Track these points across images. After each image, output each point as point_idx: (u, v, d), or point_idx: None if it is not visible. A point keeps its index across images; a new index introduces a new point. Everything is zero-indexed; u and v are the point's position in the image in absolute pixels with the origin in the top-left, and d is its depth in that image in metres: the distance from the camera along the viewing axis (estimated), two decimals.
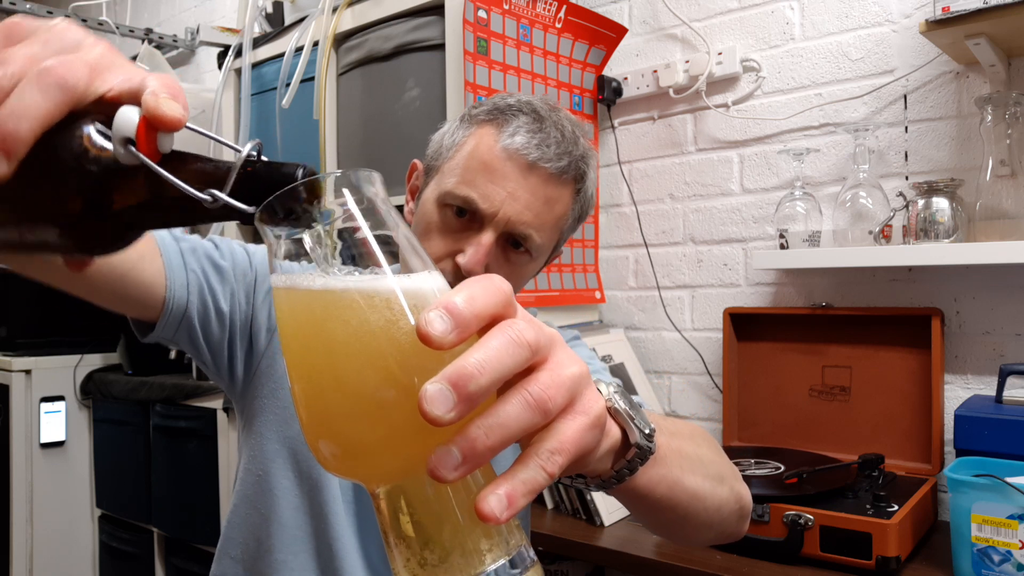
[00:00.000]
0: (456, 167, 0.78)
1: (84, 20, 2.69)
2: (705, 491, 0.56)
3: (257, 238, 1.87)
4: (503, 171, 0.75)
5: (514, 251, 0.78)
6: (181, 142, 0.36)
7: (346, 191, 0.36)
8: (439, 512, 0.34)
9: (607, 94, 1.70)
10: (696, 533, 0.60)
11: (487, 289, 0.32)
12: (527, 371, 0.33)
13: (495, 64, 1.43)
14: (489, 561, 0.34)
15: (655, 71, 1.67)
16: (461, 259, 0.75)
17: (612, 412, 0.42)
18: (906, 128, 1.40)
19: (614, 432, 0.42)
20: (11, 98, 0.31)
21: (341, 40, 1.62)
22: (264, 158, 0.38)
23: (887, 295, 1.40)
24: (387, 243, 0.35)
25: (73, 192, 0.34)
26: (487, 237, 0.75)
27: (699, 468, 0.55)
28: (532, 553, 0.35)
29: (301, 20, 1.68)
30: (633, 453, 0.44)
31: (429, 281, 0.35)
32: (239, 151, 0.37)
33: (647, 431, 0.44)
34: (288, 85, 1.62)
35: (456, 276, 0.75)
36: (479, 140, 0.78)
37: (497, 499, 0.31)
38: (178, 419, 2.08)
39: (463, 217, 0.77)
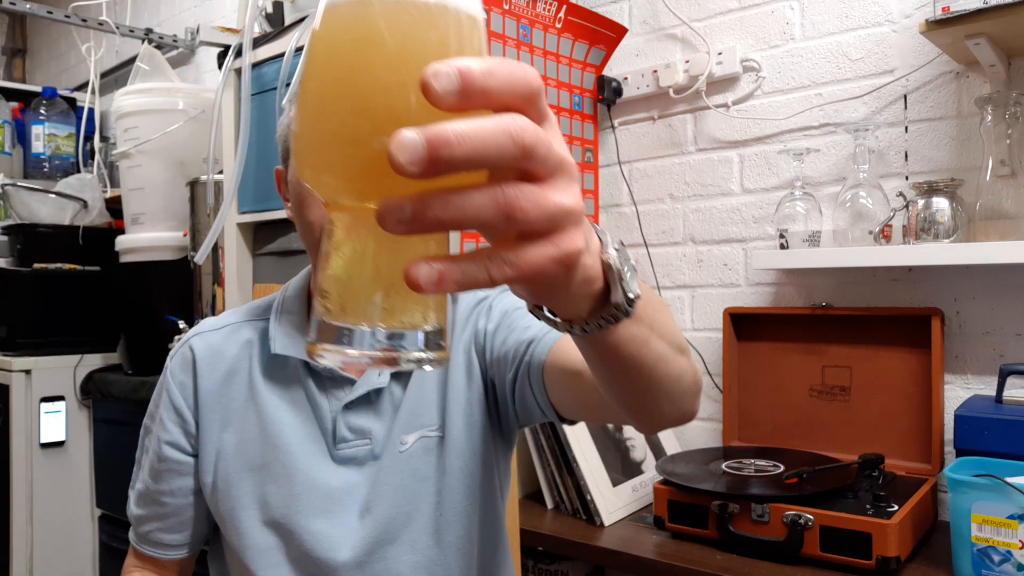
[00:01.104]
0: None
1: (84, 20, 2.70)
2: (669, 357, 0.56)
3: (256, 244, 1.87)
4: None
5: None
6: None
7: None
8: (373, 257, 0.34)
9: (607, 94, 1.70)
10: (657, 404, 0.60)
11: (514, 72, 0.31)
12: (526, 176, 0.32)
13: None
14: (408, 321, 0.34)
15: (655, 71, 1.67)
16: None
17: (605, 265, 0.42)
18: (906, 128, 1.40)
19: (598, 282, 0.41)
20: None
21: None
22: None
23: (887, 295, 1.40)
24: None
25: None
26: None
27: (665, 336, 0.55)
28: (444, 344, 0.35)
29: (301, 20, 1.68)
30: (610, 311, 0.44)
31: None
32: None
33: (631, 295, 0.43)
34: (288, 85, 1.62)
35: None
36: None
37: (429, 269, 0.31)
38: None
39: None
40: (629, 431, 1.48)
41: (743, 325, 1.52)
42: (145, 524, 0.95)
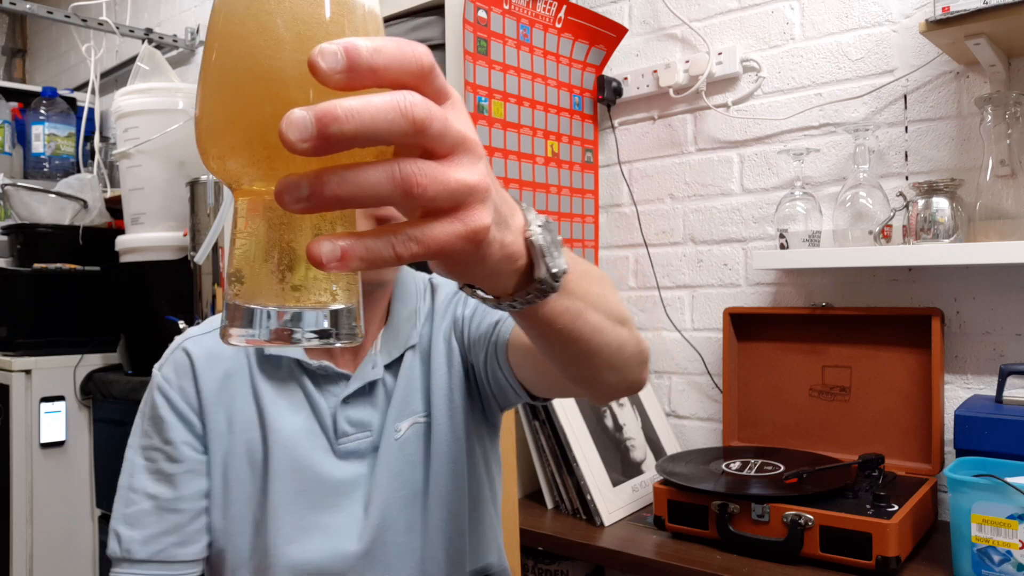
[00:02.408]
0: None
1: (84, 20, 2.70)
2: (606, 328, 0.57)
3: None
4: None
5: None
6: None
7: None
8: (284, 235, 0.34)
9: (607, 94, 1.70)
10: (600, 373, 0.61)
11: (402, 50, 0.31)
12: (428, 154, 0.33)
13: (495, 64, 1.43)
14: (314, 300, 0.34)
15: (655, 71, 1.67)
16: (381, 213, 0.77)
17: (528, 243, 0.43)
18: (906, 128, 1.40)
19: (521, 259, 0.43)
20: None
21: None
22: None
23: (887, 295, 1.40)
24: None
25: None
26: None
27: (602, 308, 0.57)
28: (357, 323, 0.36)
29: None
30: (536, 286, 0.45)
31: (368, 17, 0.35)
32: None
33: (555, 271, 0.44)
34: None
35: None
36: None
37: (331, 247, 0.31)
38: None
39: None
40: (629, 431, 1.48)
41: (743, 325, 1.52)
42: (155, 543, 0.86)
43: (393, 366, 0.88)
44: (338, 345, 0.35)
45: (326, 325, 0.35)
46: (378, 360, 0.87)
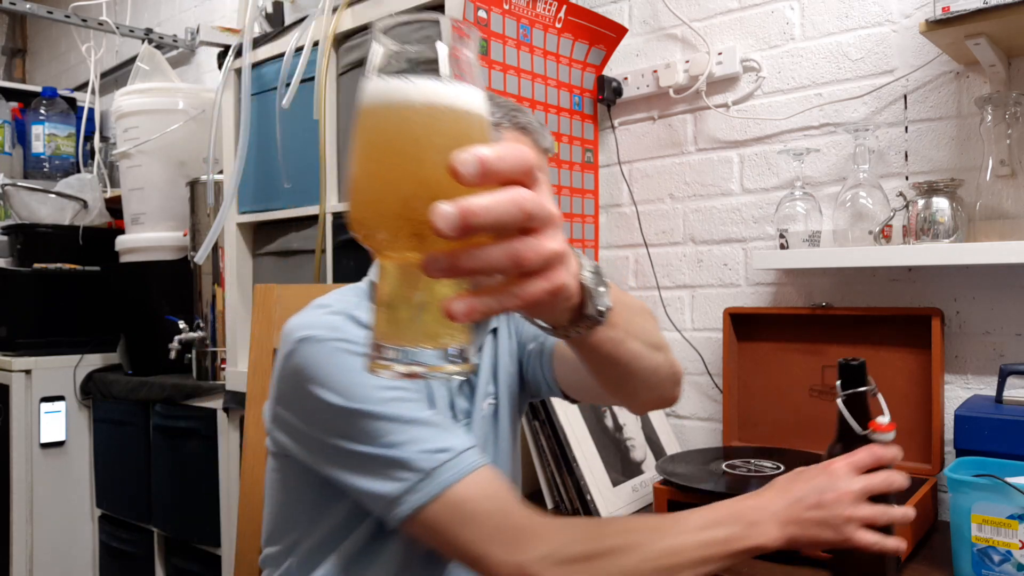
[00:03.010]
0: None
1: (84, 20, 2.70)
2: (644, 354, 0.70)
3: (257, 244, 1.87)
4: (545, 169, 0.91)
5: None
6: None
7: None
8: (419, 293, 0.44)
9: (607, 94, 1.70)
10: (637, 392, 0.75)
11: (515, 155, 0.41)
12: (527, 231, 0.42)
13: (495, 64, 1.43)
14: (440, 342, 0.44)
15: (655, 71, 1.67)
16: None
17: (580, 285, 0.53)
18: (906, 128, 1.40)
19: (575, 298, 0.53)
20: None
21: (341, 40, 1.62)
22: None
23: (887, 295, 1.40)
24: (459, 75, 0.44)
25: None
26: None
27: (641, 336, 0.69)
28: (472, 357, 0.46)
29: (301, 20, 1.68)
30: (586, 321, 0.55)
31: (479, 116, 0.44)
32: None
33: (602, 308, 0.55)
34: (288, 85, 1.62)
35: None
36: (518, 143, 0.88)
37: (462, 304, 0.42)
38: (178, 419, 2.08)
39: None
40: (629, 431, 1.48)
41: (743, 325, 1.52)
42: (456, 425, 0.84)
43: (480, 350, 0.97)
44: (457, 378, 0.46)
45: (453, 359, 0.45)
46: (472, 348, 0.92)
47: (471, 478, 0.75)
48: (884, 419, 0.85)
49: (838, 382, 0.85)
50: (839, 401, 0.85)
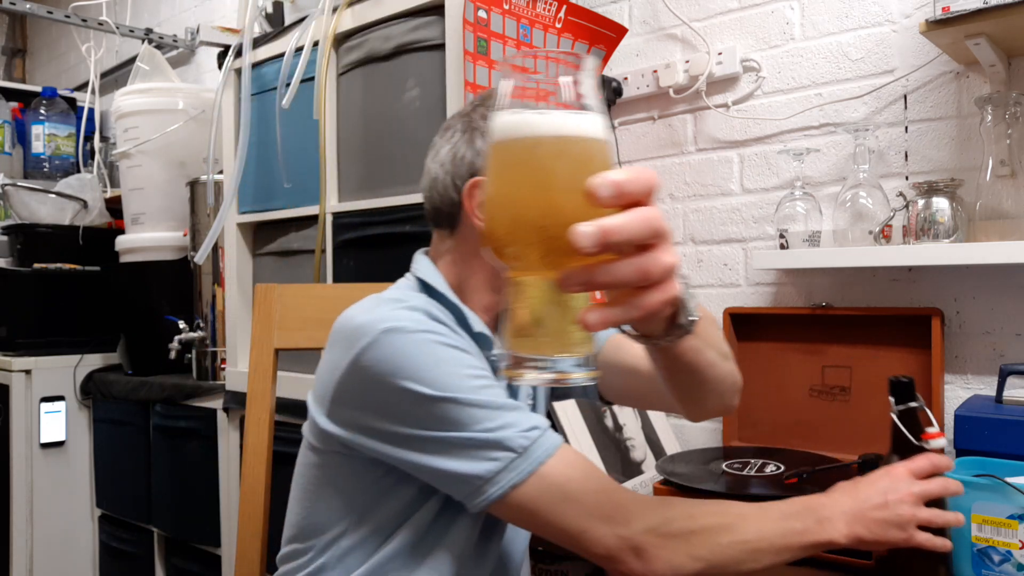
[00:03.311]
0: None
1: (84, 20, 2.70)
2: (717, 363, 0.76)
3: (257, 244, 1.87)
4: None
5: None
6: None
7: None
8: (557, 306, 0.48)
9: (607, 94, 1.70)
10: (705, 399, 0.80)
11: (642, 178, 0.45)
12: (648, 246, 0.46)
13: (495, 64, 1.43)
14: (575, 351, 0.48)
15: (655, 71, 1.67)
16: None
17: (675, 297, 0.56)
18: (906, 128, 1.40)
19: (669, 309, 0.59)
20: None
21: (341, 40, 1.62)
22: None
23: (887, 295, 1.40)
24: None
25: None
26: None
27: (715, 346, 0.75)
28: (595, 364, 0.50)
29: (301, 20, 1.68)
30: (677, 330, 0.61)
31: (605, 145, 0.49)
32: None
33: (692, 319, 0.61)
34: (288, 85, 1.62)
35: None
36: None
37: (596, 315, 0.46)
38: (178, 419, 2.08)
39: None
40: (629, 431, 1.48)
41: (743, 325, 1.52)
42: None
43: None
44: (591, 382, 0.49)
45: (584, 365, 0.48)
46: None
47: (560, 455, 0.77)
48: (934, 429, 0.94)
49: (891, 398, 0.93)
50: (893, 415, 0.93)
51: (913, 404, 0.92)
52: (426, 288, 0.91)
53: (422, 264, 0.94)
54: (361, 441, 0.83)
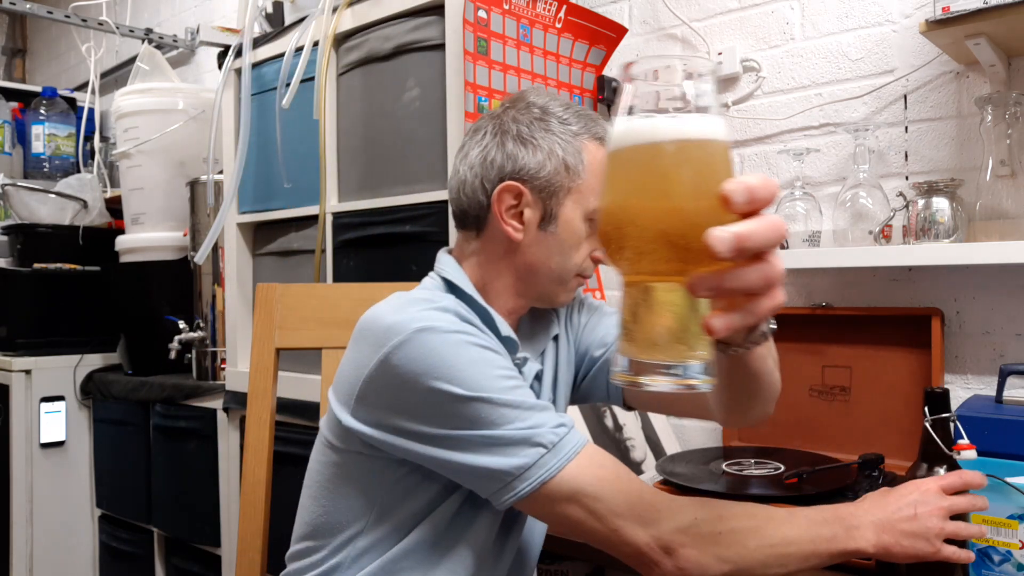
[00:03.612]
0: (596, 186, 0.88)
1: (84, 20, 2.70)
2: (773, 370, 0.78)
3: (257, 244, 1.87)
4: None
5: None
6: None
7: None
8: (683, 312, 0.48)
9: (607, 94, 1.70)
10: (754, 405, 0.81)
11: (767, 187, 0.46)
12: (762, 252, 0.46)
13: (495, 64, 1.43)
14: (697, 356, 0.48)
15: (655, 71, 1.67)
16: (598, 254, 0.90)
17: None
18: (906, 128, 1.40)
19: None
20: None
21: (341, 40, 1.62)
22: None
23: (887, 295, 1.40)
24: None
25: None
26: None
27: (773, 353, 0.78)
28: (714, 372, 0.50)
29: (301, 20, 1.68)
30: (757, 337, 0.63)
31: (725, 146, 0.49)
32: None
33: (772, 326, 0.64)
34: (288, 85, 1.62)
35: (592, 267, 0.92)
36: (598, 156, 0.90)
37: (720, 320, 0.47)
38: (178, 419, 2.08)
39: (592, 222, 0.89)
40: (629, 431, 1.48)
41: None
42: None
43: (545, 356, 0.99)
44: (710, 388, 0.49)
45: (708, 372, 0.48)
46: (530, 355, 0.95)
47: (587, 452, 0.78)
48: (965, 441, 0.97)
49: (924, 407, 0.94)
50: (926, 424, 0.94)
51: (947, 415, 0.94)
52: (453, 289, 0.91)
53: (448, 264, 0.94)
54: (388, 439, 0.82)
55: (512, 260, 0.91)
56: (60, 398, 2.43)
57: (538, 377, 0.96)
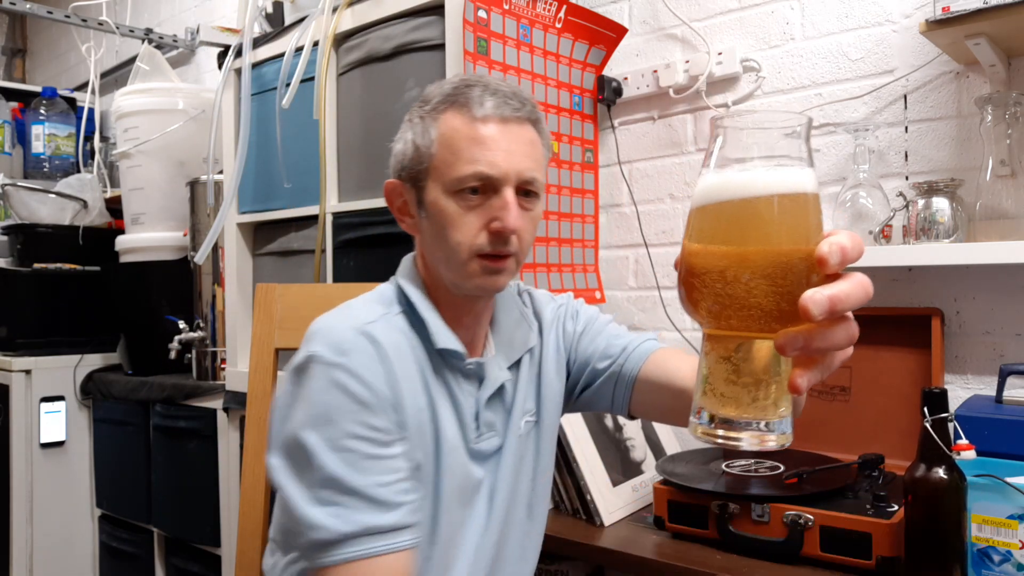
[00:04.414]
0: (448, 157, 0.83)
1: (84, 20, 2.70)
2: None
3: (257, 244, 1.87)
4: (491, 136, 0.83)
5: (525, 199, 0.85)
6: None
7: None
8: (771, 368, 0.48)
9: (607, 94, 1.70)
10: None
11: (859, 244, 0.47)
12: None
13: (495, 64, 1.43)
14: (779, 414, 0.48)
15: (655, 71, 1.67)
16: (497, 224, 0.82)
17: None
18: (906, 128, 1.40)
19: None
20: None
21: (341, 40, 1.62)
22: None
23: (887, 295, 1.40)
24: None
25: None
26: (509, 194, 0.82)
27: None
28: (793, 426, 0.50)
29: (301, 20, 1.68)
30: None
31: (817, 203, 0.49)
32: None
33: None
34: (288, 85, 1.62)
35: (495, 240, 0.82)
36: (450, 124, 0.84)
37: (805, 379, 0.46)
38: (178, 419, 2.08)
39: (478, 194, 0.83)
40: (629, 431, 1.48)
41: None
42: (405, 504, 0.78)
43: (514, 369, 0.95)
44: (785, 446, 0.49)
45: (788, 430, 0.49)
46: (501, 363, 0.92)
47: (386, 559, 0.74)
48: (964, 441, 0.98)
49: (924, 407, 0.95)
50: (926, 425, 0.95)
51: (945, 415, 0.94)
52: (402, 295, 0.89)
53: (403, 266, 0.93)
54: None
55: (424, 254, 0.91)
56: (60, 398, 2.43)
57: (500, 391, 0.91)
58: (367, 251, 1.55)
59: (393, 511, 0.76)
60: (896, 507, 1.08)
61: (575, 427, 1.38)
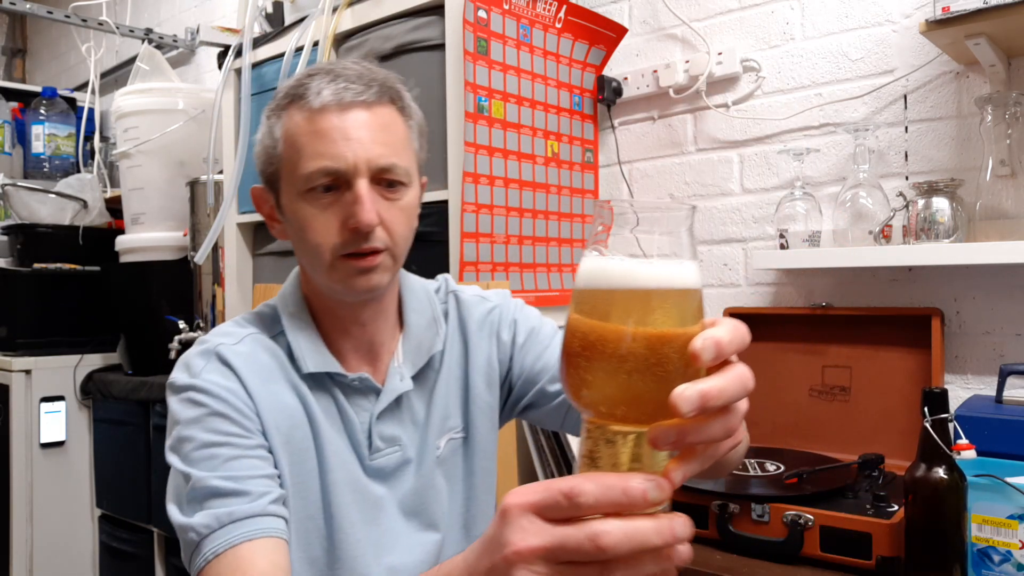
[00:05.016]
0: (293, 156, 0.79)
1: (84, 20, 2.70)
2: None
3: (257, 244, 1.87)
4: (331, 126, 0.77)
5: (388, 189, 0.80)
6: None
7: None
8: (642, 459, 0.46)
9: (607, 94, 1.70)
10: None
11: (740, 336, 0.45)
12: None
13: (495, 64, 1.43)
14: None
15: (655, 71, 1.67)
16: (352, 221, 0.77)
17: None
18: (906, 128, 1.40)
19: None
20: None
21: (341, 40, 1.62)
22: None
23: (887, 295, 1.40)
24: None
25: None
26: (362, 186, 0.77)
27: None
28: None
29: (301, 20, 1.68)
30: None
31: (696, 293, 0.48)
32: None
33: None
34: None
35: (354, 237, 0.78)
36: (292, 120, 0.79)
37: (680, 472, 0.45)
38: None
39: (331, 191, 0.78)
40: None
41: None
42: (267, 494, 0.76)
43: (423, 382, 0.88)
44: None
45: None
46: (404, 372, 0.86)
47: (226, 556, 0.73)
48: (964, 441, 0.98)
49: (924, 408, 0.95)
50: (927, 425, 0.95)
51: (945, 415, 0.94)
52: (275, 314, 0.86)
53: (288, 281, 0.89)
54: None
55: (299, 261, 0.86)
56: (60, 398, 2.43)
57: (401, 402, 0.86)
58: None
59: (256, 500, 0.74)
60: (896, 507, 1.08)
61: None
